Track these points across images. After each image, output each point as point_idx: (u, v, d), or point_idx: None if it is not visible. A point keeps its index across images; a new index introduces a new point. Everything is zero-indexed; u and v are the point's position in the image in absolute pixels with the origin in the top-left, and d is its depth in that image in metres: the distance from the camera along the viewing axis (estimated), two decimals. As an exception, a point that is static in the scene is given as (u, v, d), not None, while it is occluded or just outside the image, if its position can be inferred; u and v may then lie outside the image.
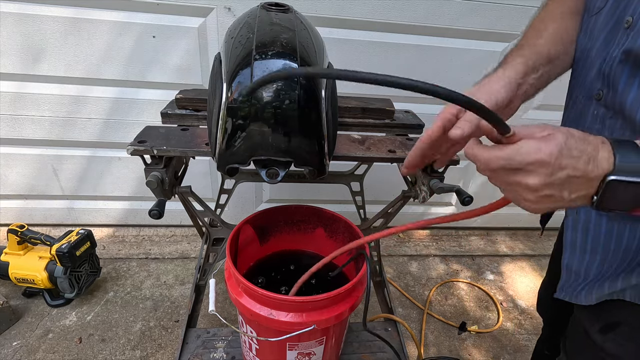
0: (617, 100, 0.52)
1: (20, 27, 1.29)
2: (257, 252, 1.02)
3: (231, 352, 1.00)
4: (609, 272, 0.58)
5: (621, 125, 0.52)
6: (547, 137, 0.40)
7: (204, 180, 1.68)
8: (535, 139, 0.40)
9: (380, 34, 1.43)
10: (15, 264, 1.36)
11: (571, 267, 0.64)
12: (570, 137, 0.40)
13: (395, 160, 0.90)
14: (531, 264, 1.90)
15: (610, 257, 0.57)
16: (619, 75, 0.52)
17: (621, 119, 0.52)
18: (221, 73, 0.65)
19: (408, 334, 1.38)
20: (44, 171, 1.60)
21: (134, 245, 1.75)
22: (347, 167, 1.28)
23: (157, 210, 0.81)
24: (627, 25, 0.51)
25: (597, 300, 0.60)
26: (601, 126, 0.56)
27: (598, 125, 0.56)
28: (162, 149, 0.81)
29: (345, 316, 0.79)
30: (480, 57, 1.50)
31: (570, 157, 0.40)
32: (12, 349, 1.26)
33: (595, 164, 0.40)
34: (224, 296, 1.44)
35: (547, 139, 0.40)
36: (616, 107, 0.53)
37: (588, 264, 0.61)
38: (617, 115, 0.53)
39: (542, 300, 0.99)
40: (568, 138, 0.40)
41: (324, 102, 0.65)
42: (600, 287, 0.59)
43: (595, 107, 0.57)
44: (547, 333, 1.03)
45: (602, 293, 0.59)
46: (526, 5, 1.39)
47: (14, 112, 1.44)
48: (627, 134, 0.51)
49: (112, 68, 1.40)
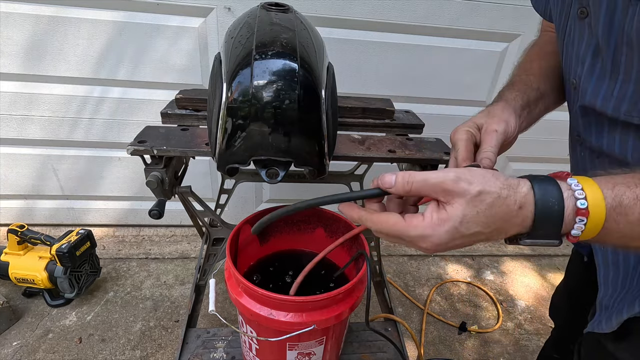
0: (594, 144, 0.55)
1: (20, 27, 1.29)
2: (257, 252, 1.02)
3: (231, 352, 1.00)
4: (627, 299, 0.59)
5: (609, 163, 0.54)
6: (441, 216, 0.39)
7: (204, 180, 1.68)
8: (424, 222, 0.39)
9: (380, 34, 1.43)
10: (15, 264, 1.36)
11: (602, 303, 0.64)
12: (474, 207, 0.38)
13: (395, 160, 0.90)
14: (531, 264, 1.90)
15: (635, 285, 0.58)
16: (587, 125, 0.55)
17: (607, 158, 0.54)
18: (221, 73, 0.65)
19: (408, 334, 1.38)
20: (44, 171, 1.60)
21: (134, 245, 1.75)
22: (347, 167, 1.28)
23: (157, 210, 0.81)
24: (574, 86, 0.56)
25: (617, 325, 0.59)
26: (591, 166, 0.58)
27: (588, 165, 0.58)
28: (162, 149, 0.81)
29: (345, 316, 0.79)
30: (480, 57, 1.50)
31: (467, 235, 0.39)
32: (12, 349, 1.26)
33: (503, 233, 0.39)
34: (224, 296, 1.44)
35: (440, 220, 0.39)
36: (596, 150, 0.55)
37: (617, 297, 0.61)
38: (602, 155, 0.55)
39: (557, 307, 0.99)
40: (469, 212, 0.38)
41: (324, 102, 0.65)
42: (618, 313, 0.59)
43: (581, 149, 0.60)
44: (558, 337, 1.02)
45: (622, 318, 0.59)
46: (526, 5, 1.38)
47: (14, 112, 1.44)
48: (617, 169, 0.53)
49: (112, 68, 1.39)
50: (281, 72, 0.62)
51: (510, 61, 1.52)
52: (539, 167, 1.79)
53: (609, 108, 0.50)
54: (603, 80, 0.50)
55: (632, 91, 0.46)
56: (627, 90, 0.47)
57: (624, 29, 0.44)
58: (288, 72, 0.62)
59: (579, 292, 0.85)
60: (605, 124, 0.52)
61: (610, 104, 0.49)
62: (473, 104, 1.62)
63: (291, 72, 0.62)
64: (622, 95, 0.48)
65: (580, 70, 0.54)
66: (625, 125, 0.49)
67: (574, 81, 0.56)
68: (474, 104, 1.61)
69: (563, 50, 0.59)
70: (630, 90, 0.46)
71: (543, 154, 1.69)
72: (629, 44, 0.44)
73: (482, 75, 1.55)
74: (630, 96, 0.47)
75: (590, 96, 0.52)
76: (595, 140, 0.55)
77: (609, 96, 0.49)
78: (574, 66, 0.55)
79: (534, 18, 0.78)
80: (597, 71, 0.51)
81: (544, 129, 0.76)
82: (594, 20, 0.48)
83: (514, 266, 1.87)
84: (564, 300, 0.96)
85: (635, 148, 0.49)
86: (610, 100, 0.49)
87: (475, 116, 0.59)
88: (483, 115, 0.57)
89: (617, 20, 0.45)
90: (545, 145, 1.56)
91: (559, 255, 1.95)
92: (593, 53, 0.51)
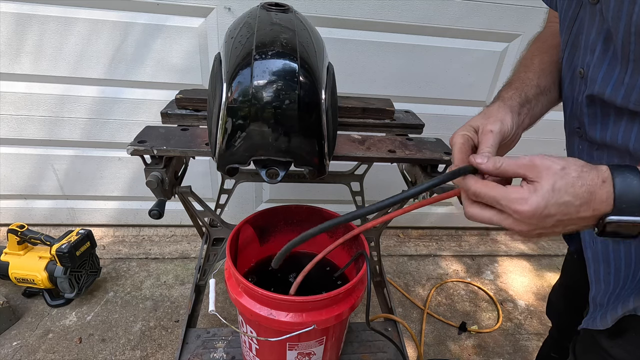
0: (597, 136, 0.55)
1: (20, 27, 1.29)
2: (257, 252, 1.02)
3: (231, 352, 1.00)
4: (622, 295, 0.59)
5: (608, 155, 0.54)
6: (535, 186, 0.40)
7: (204, 180, 1.68)
8: (522, 188, 0.40)
9: (380, 34, 1.43)
10: (15, 264, 1.36)
11: (596, 300, 0.64)
12: (562, 178, 0.39)
13: (395, 160, 0.90)
14: (531, 263, 1.90)
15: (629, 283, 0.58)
16: (592, 116, 0.55)
17: (607, 150, 0.54)
18: (221, 73, 0.65)
19: (408, 334, 1.38)
20: (44, 171, 1.60)
21: (134, 245, 1.75)
22: (347, 167, 1.28)
23: (157, 210, 0.82)
24: (581, 75, 0.55)
25: (612, 322, 0.59)
26: (589, 158, 0.57)
27: (586, 158, 0.58)
28: (162, 149, 0.81)
29: (345, 316, 0.79)
30: (480, 57, 1.50)
31: (559, 204, 0.39)
32: (12, 349, 1.26)
33: (591, 208, 0.39)
34: (224, 296, 1.44)
35: (534, 188, 0.40)
36: (598, 141, 0.55)
37: (610, 293, 0.61)
38: (601, 147, 0.55)
39: (554, 305, 0.99)
40: (557, 181, 0.39)
41: (324, 102, 0.65)
42: (613, 310, 0.59)
43: (579, 142, 0.60)
44: (556, 336, 1.02)
45: (616, 315, 0.58)
46: (526, 5, 1.39)
47: (14, 112, 1.44)
48: (615, 161, 0.53)
49: (112, 68, 1.39)
50: (281, 72, 0.62)
51: (510, 61, 1.52)
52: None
53: (619, 97, 0.49)
54: (614, 67, 0.49)
55: None
56: (637, 79, 0.46)
57: (632, 18, 0.43)
58: (288, 72, 0.63)
59: (575, 290, 0.85)
60: (611, 114, 0.52)
61: (620, 92, 0.49)
62: (473, 104, 1.62)
63: (291, 72, 0.63)
64: (633, 84, 0.47)
65: (589, 59, 0.53)
66: (632, 115, 0.49)
67: (582, 70, 0.55)
68: (474, 104, 1.61)
69: (569, 39, 0.58)
70: None
71: (543, 154, 1.69)
72: (637, 33, 0.44)
73: (482, 75, 1.55)
74: None
75: (600, 84, 0.51)
76: (599, 131, 0.54)
77: (619, 85, 0.49)
78: (582, 54, 0.54)
79: (534, 18, 0.78)
80: (608, 58, 0.50)
81: (544, 129, 0.76)
82: (605, 6, 0.47)
83: (514, 266, 1.87)
84: (560, 299, 0.96)
85: (637, 138, 0.49)
86: (621, 89, 0.49)
87: (472, 118, 0.59)
88: (479, 117, 0.58)
89: (625, 9, 0.44)
90: (546, 145, 1.56)
91: (559, 255, 1.95)
92: (604, 39, 0.50)
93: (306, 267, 0.82)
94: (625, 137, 0.50)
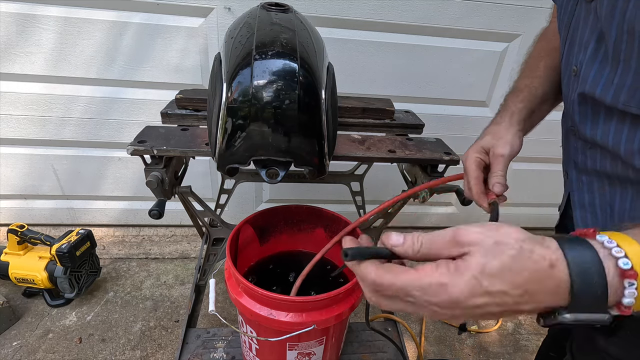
0: (589, 134, 0.55)
1: (20, 26, 1.29)
2: (257, 252, 1.02)
3: (231, 352, 1.00)
4: None
5: (601, 154, 0.54)
6: (457, 266, 0.31)
7: (204, 180, 1.68)
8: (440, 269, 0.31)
9: (380, 34, 1.43)
10: (15, 264, 1.36)
11: None
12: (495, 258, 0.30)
13: (395, 160, 0.90)
14: (531, 264, 1.90)
15: None
16: (583, 114, 0.55)
17: (599, 149, 0.54)
18: (221, 73, 0.65)
19: (408, 334, 1.38)
20: (44, 171, 1.60)
21: (134, 245, 1.75)
22: (347, 167, 1.28)
23: (157, 210, 0.82)
24: (574, 73, 0.55)
25: None
26: (584, 157, 0.58)
27: (581, 156, 0.58)
28: (162, 149, 0.81)
29: (345, 316, 0.79)
30: (480, 57, 1.50)
31: (489, 294, 0.30)
32: (12, 349, 1.26)
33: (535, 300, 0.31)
34: (224, 296, 1.44)
35: (456, 268, 0.31)
36: (589, 140, 0.55)
37: None
38: (594, 146, 0.55)
39: None
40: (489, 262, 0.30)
41: (324, 102, 0.65)
42: None
43: (574, 140, 0.60)
44: (554, 336, 1.02)
45: None
46: (526, 5, 1.39)
47: (14, 112, 1.44)
48: (607, 162, 0.53)
49: (112, 68, 1.39)
50: (281, 72, 0.62)
51: (510, 61, 1.52)
52: (539, 166, 1.79)
53: (608, 96, 0.49)
54: (605, 67, 0.49)
55: (631, 81, 0.46)
56: (626, 80, 0.46)
57: (626, 16, 0.43)
58: (288, 72, 0.63)
59: None
60: (601, 113, 0.52)
61: (609, 92, 0.48)
62: (473, 104, 1.61)
63: (291, 72, 0.63)
64: (621, 84, 0.47)
65: (582, 57, 0.53)
66: (621, 115, 0.48)
67: (575, 68, 0.55)
68: (474, 104, 1.61)
69: (567, 35, 0.58)
70: (629, 80, 0.46)
71: (543, 154, 1.68)
72: (629, 31, 0.43)
73: (482, 75, 1.55)
74: (629, 86, 0.46)
75: (590, 83, 0.51)
76: (590, 129, 0.54)
77: (609, 84, 0.48)
78: (577, 52, 0.54)
79: (534, 18, 0.78)
80: (599, 57, 0.50)
81: (544, 129, 0.76)
82: (599, 4, 0.47)
83: (514, 266, 1.87)
84: None
85: (629, 139, 0.48)
86: (610, 88, 0.48)
87: (482, 138, 0.62)
88: (490, 137, 0.61)
89: (619, 6, 0.44)
90: (546, 145, 1.56)
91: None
92: (597, 38, 0.50)
93: (304, 270, 0.82)
94: (616, 138, 0.50)
